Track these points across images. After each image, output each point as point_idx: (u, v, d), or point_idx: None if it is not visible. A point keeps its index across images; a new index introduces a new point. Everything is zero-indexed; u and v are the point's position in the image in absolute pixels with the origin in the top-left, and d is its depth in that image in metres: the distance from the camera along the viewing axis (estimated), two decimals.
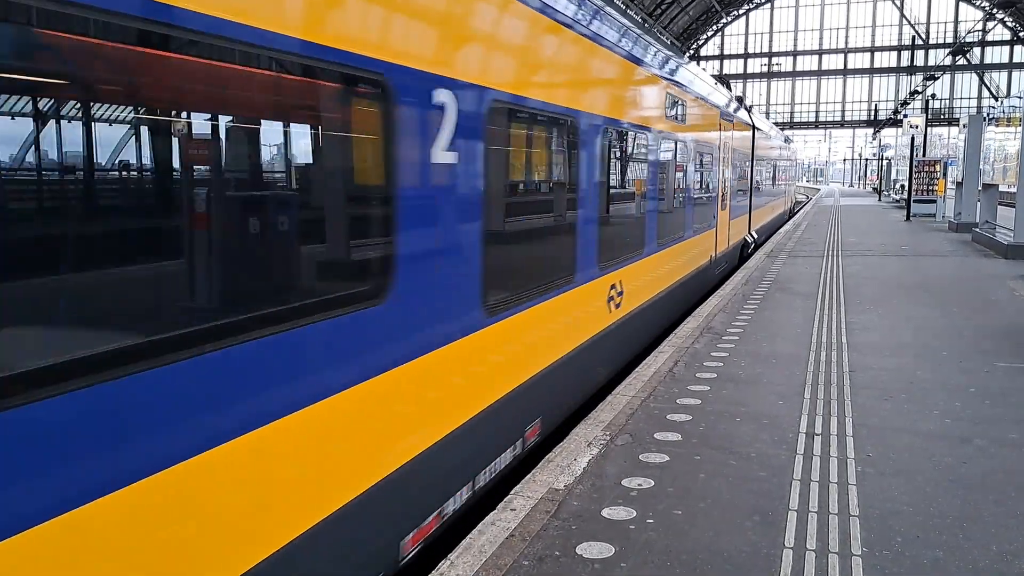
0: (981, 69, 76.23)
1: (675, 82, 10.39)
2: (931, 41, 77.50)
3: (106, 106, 2.64)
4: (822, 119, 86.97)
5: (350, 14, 3.52)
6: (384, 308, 3.85)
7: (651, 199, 9.39)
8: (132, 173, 2.80)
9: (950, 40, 74.25)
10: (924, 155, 38.52)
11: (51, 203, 2.58)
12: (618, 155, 8.30)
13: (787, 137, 39.93)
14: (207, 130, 3.05)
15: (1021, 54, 74.98)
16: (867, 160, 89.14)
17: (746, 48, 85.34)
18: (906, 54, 79.02)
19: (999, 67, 76.31)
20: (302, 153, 3.65)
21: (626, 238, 8.50)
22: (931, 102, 51.54)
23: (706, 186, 13.63)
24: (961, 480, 5.33)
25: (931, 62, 73.13)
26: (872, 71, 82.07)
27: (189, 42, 2.73)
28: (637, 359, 8.99)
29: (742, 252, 19.27)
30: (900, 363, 8.46)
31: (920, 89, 56.68)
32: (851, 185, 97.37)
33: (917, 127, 38.99)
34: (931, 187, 33.38)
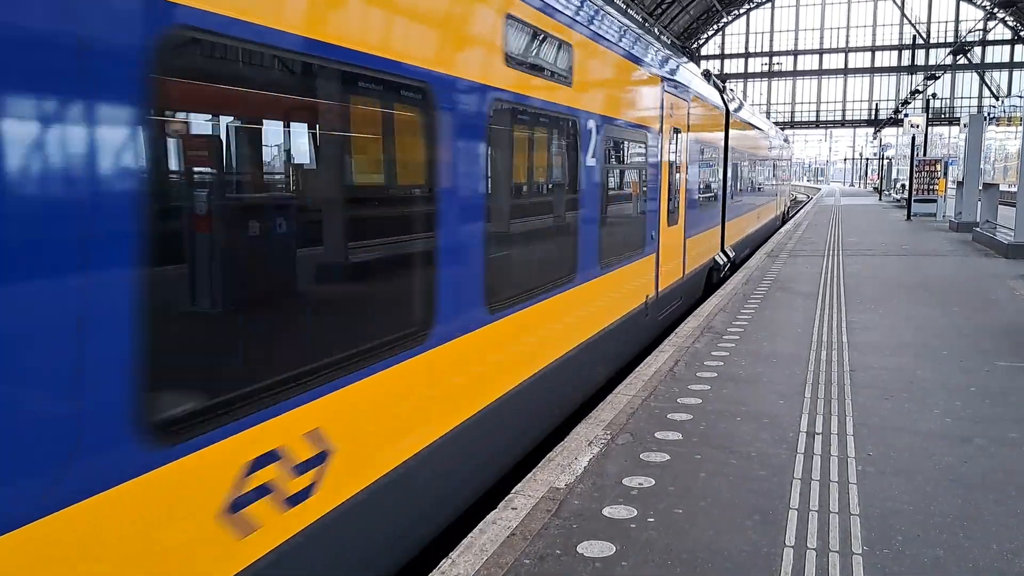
0: (982, 68, 76.19)
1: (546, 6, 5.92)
2: (932, 40, 77.46)
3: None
4: (823, 119, 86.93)
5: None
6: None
7: (490, 218, 5.16)
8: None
9: (951, 39, 74.21)
10: (925, 155, 38.49)
11: None
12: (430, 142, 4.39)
13: (779, 130, 34.81)
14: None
15: (1022, 53, 74.96)
16: (868, 160, 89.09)
17: (747, 47, 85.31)
18: (907, 53, 78.98)
19: (1000, 66, 76.27)
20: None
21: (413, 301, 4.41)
22: (932, 101, 51.46)
23: (637, 192, 9.01)
24: (961, 479, 5.33)
25: (932, 61, 73.08)
26: (873, 70, 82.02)
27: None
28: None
29: (710, 278, 14.41)
30: (901, 362, 8.47)
31: (921, 88, 56.63)
32: (851, 185, 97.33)
33: (918, 126, 38.99)
34: (932, 187, 33.36)
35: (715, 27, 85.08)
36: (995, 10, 69.58)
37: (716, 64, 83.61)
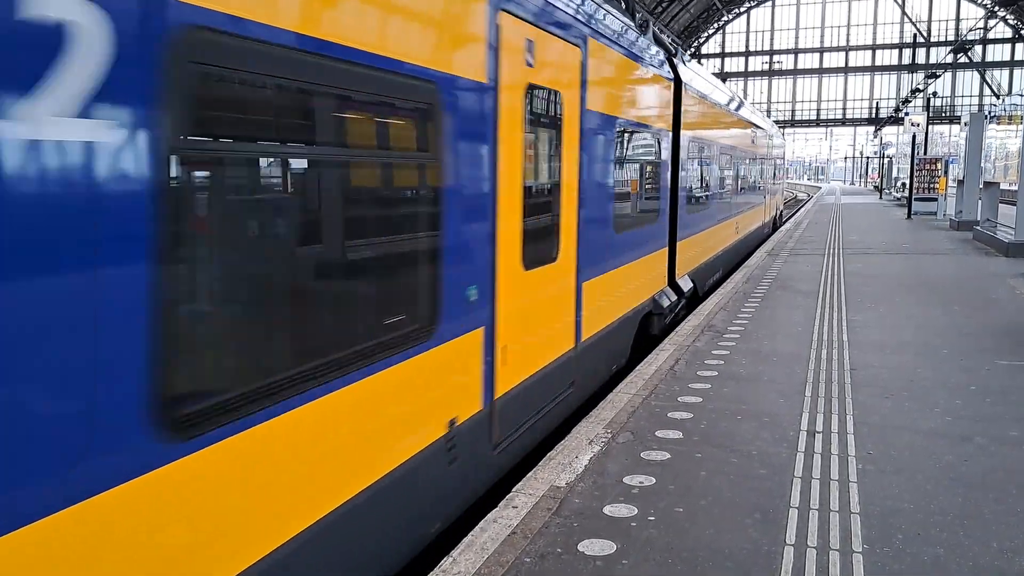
0: (982, 67, 76.16)
1: None
2: (932, 39, 77.44)
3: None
4: (823, 117, 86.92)
5: None
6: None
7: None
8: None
9: (951, 38, 74.21)
10: (925, 153, 38.51)
11: None
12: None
13: (766, 119, 27.97)
14: None
15: (1022, 52, 74.93)
16: (868, 158, 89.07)
17: (747, 46, 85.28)
18: (907, 52, 78.97)
19: (1000, 65, 76.24)
20: None
21: None
22: (932, 100, 51.54)
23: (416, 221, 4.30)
24: (962, 478, 5.34)
25: (932, 60, 73.07)
26: (873, 69, 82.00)
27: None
28: None
29: (644, 330, 9.46)
30: (901, 361, 8.47)
31: (921, 87, 56.66)
32: (852, 183, 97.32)
33: (918, 125, 39.00)
34: (932, 185, 33.36)
35: (716, 25, 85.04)
36: (996, 8, 69.60)
37: (717, 63, 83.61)
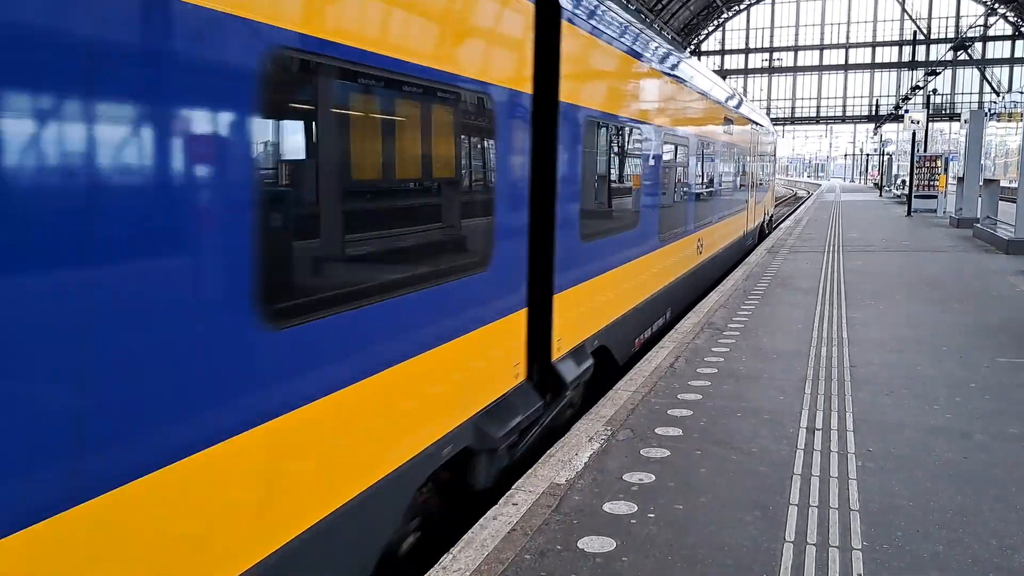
0: (983, 64, 76.10)
1: None
2: (933, 36, 77.32)
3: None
4: (823, 115, 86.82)
5: None
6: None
7: None
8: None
9: (952, 35, 74.16)
10: (925, 151, 38.48)
11: None
12: None
13: (745, 100, 20.56)
14: None
15: (1023, 49, 74.86)
16: (868, 156, 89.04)
17: (747, 43, 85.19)
18: (907, 49, 78.81)
19: (1001, 62, 76.14)
20: None
21: None
22: (932, 97, 51.54)
23: None
24: (961, 475, 5.34)
25: (933, 57, 73.03)
26: (873, 66, 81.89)
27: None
28: None
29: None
30: (901, 358, 8.47)
31: (921, 84, 56.70)
32: (852, 181, 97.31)
33: (918, 122, 38.94)
34: (932, 183, 33.36)
35: (715, 23, 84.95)
36: (996, 6, 69.53)
37: (717, 60, 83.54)
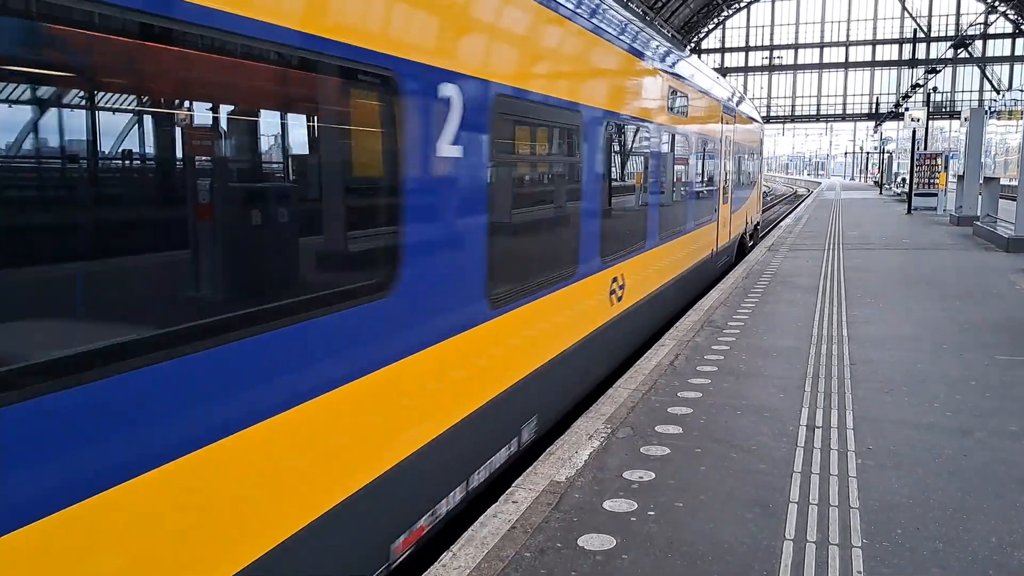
0: (983, 62, 76.02)
1: None
2: (933, 34, 77.25)
3: None
4: (823, 112, 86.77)
5: None
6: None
7: None
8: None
9: (952, 33, 74.04)
10: (925, 149, 38.46)
11: None
12: None
13: (720, 80, 16.23)
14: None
15: (1023, 47, 74.79)
16: (868, 154, 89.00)
17: (747, 41, 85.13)
18: (908, 47, 78.78)
19: (1001, 60, 76.09)
20: None
21: None
22: (933, 95, 51.39)
23: None
24: (961, 472, 5.35)
25: (933, 55, 72.95)
26: (874, 64, 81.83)
27: None
28: None
29: None
30: (901, 356, 8.47)
31: (922, 82, 56.61)
32: (852, 179, 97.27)
33: (919, 120, 38.87)
34: (932, 181, 33.35)
35: (716, 21, 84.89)
36: (996, 3, 69.43)
37: (717, 58, 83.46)
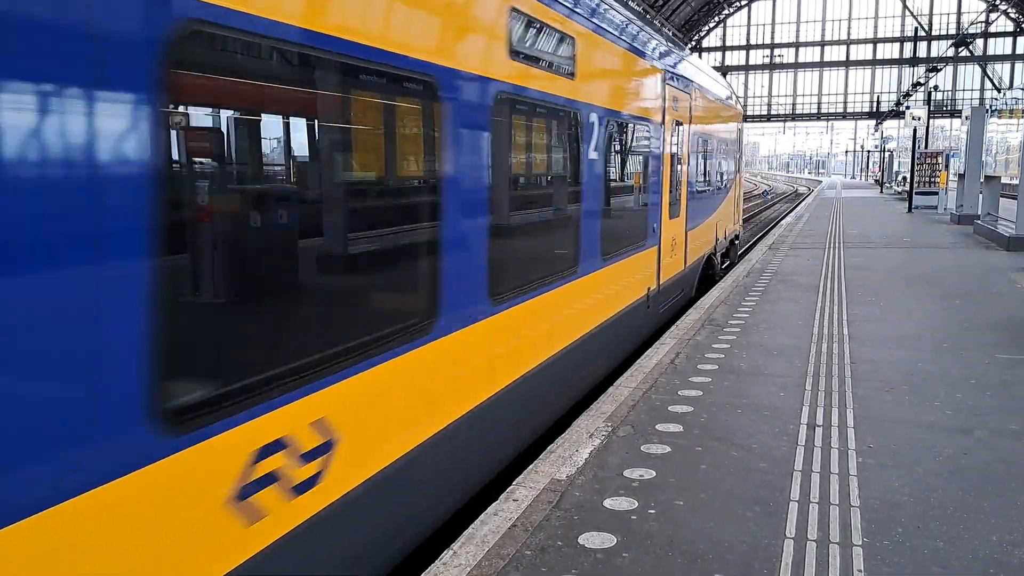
0: (984, 61, 75.93)
1: None
2: (934, 33, 77.18)
3: None
4: (824, 111, 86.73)
5: None
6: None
7: None
8: None
9: (953, 32, 73.94)
10: (926, 147, 38.45)
11: None
12: None
13: (681, 48, 12.25)
14: None
15: None
16: (869, 152, 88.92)
17: (748, 39, 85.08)
18: (909, 46, 78.70)
19: (1002, 59, 75.99)
20: None
21: None
22: (933, 94, 51.31)
23: None
24: (962, 471, 5.35)
25: (934, 54, 72.85)
26: (874, 63, 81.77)
27: None
28: None
29: None
30: (901, 355, 8.47)
31: (923, 81, 56.48)
32: (853, 177, 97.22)
33: (919, 119, 38.85)
34: (933, 179, 33.33)
35: (716, 19, 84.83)
36: (997, 2, 69.34)
37: (718, 56, 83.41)
